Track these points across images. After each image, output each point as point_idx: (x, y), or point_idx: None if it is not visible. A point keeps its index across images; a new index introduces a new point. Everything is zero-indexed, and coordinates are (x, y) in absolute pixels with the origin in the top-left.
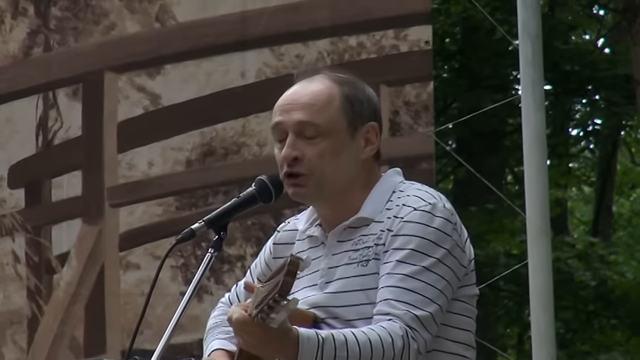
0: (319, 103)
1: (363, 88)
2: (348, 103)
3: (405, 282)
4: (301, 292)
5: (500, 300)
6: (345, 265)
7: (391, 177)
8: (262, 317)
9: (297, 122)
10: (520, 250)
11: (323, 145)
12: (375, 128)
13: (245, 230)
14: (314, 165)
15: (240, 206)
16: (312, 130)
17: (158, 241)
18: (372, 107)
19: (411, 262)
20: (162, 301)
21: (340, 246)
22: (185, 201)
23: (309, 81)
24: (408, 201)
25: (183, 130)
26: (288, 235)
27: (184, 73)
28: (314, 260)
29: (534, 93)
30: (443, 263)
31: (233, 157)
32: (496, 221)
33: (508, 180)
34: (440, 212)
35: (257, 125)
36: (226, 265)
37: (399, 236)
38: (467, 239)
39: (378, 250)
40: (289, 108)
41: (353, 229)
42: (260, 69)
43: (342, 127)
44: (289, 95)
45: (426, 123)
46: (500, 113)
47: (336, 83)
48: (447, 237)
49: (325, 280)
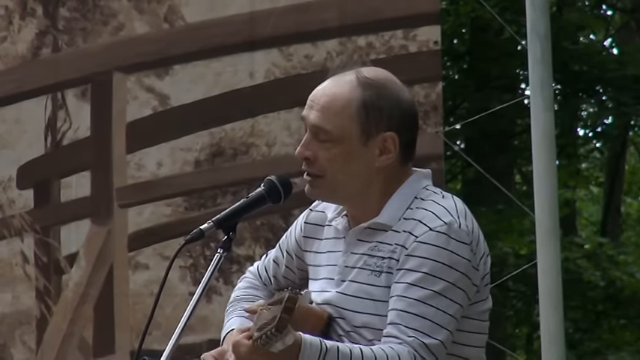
0: (334, 108)
1: (391, 94)
2: (364, 110)
3: (416, 307)
4: (320, 283)
5: (510, 300)
6: (360, 270)
7: (415, 182)
8: (262, 343)
9: (312, 125)
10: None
11: (334, 151)
12: (393, 138)
13: (254, 231)
14: (325, 169)
15: (249, 207)
16: (324, 134)
17: (167, 242)
18: (395, 114)
19: (423, 285)
20: (171, 302)
21: (359, 246)
22: (194, 201)
23: (338, 77)
24: (424, 217)
25: (191, 130)
26: (319, 216)
27: (193, 73)
28: (333, 253)
29: (543, 93)
30: (456, 286)
31: (242, 158)
32: (505, 221)
33: (517, 180)
34: (455, 234)
35: (266, 126)
36: (235, 266)
37: (412, 257)
38: (483, 255)
39: (391, 265)
40: (312, 105)
41: (372, 230)
42: (269, 69)
43: (355, 134)
44: (317, 90)
45: (435, 123)
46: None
47: (361, 87)
48: (462, 259)
49: (341, 277)
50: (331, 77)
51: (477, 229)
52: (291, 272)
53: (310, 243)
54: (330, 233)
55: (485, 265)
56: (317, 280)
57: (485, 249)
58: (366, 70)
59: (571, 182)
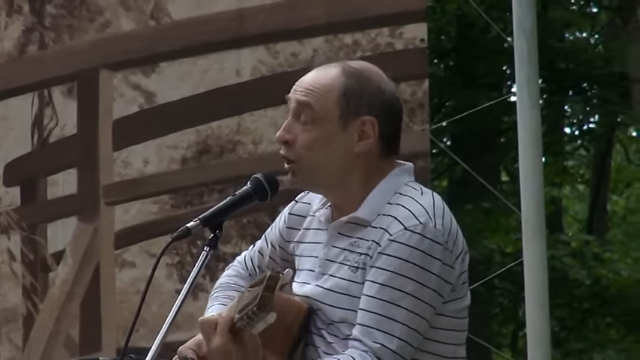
0: (319, 90)
1: (372, 84)
2: (344, 96)
3: (386, 309)
4: (303, 274)
5: (495, 298)
6: (339, 264)
7: (397, 176)
8: (243, 324)
9: (297, 103)
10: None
11: (314, 134)
12: (372, 122)
13: (240, 228)
14: (302, 153)
15: (235, 204)
16: (307, 113)
17: (153, 239)
18: (376, 101)
19: (393, 285)
20: (158, 299)
21: (340, 240)
22: (180, 199)
23: (323, 67)
24: (400, 214)
25: (178, 128)
26: (304, 208)
27: (179, 70)
28: (316, 245)
29: (529, 91)
30: (427, 287)
31: (228, 155)
32: (491, 219)
33: (503, 178)
34: (430, 234)
35: (252, 123)
36: (222, 264)
37: (384, 255)
38: (461, 253)
39: (366, 261)
40: (296, 88)
41: (352, 224)
42: (255, 67)
43: (334, 117)
44: (305, 76)
45: (422, 121)
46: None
47: (344, 75)
48: (435, 260)
49: (321, 270)
50: (317, 68)
51: (455, 227)
52: (274, 263)
53: (294, 234)
54: (313, 224)
55: (462, 263)
56: (301, 271)
57: (464, 247)
58: (353, 62)
59: (557, 180)
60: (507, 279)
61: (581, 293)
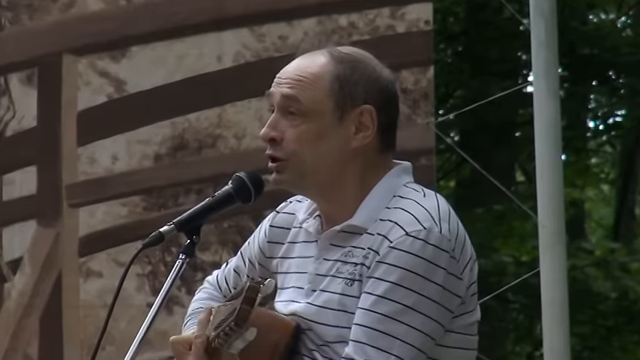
0: (306, 80)
1: (366, 68)
2: (337, 83)
3: (384, 323)
4: (288, 292)
5: (509, 313)
6: (332, 278)
7: (395, 177)
8: (220, 342)
9: (281, 96)
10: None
11: (303, 128)
12: (370, 112)
13: (221, 234)
14: (291, 150)
15: (215, 207)
16: (296, 107)
17: (122, 246)
18: (372, 88)
19: (394, 298)
20: (127, 314)
21: (332, 251)
22: (153, 201)
23: (308, 55)
24: (401, 218)
25: (151, 120)
26: (287, 218)
27: (153, 56)
28: (304, 259)
29: (548, 79)
30: (432, 300)
31: (208, 151)
32: (504, 224)
33: (518, 178)
34: (434, 240)
35: (235, 115)
36: (199, 273)
37: (383, 264)
38: (469, 261)
39: (363, 272)
40: (280, 80)
41: (346, 233)
42: (238, 52)
43: (327, 109)
44: (285, 68)
45: (426, 113)
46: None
47: (334, 60)
48: (439, 269)
49: (311, 287)
50: (301, 56)
51: (463, 233)
52: None
53: (276, 249)
54: (300, 237)
55: (471, 272)
56: (285, 290)
57: (472, 254)
58: (341, 47)
59: (579, 180)
60: (522, 292)
61: (605, 308)
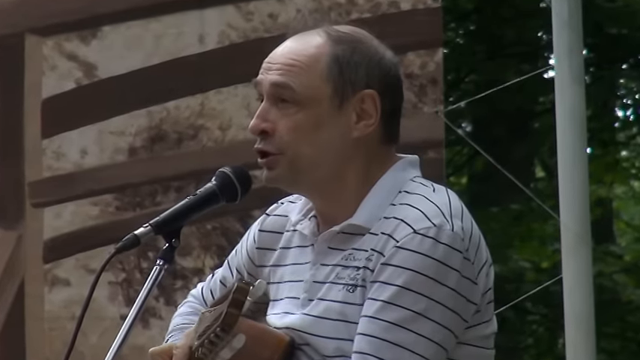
0: (300, 64)
1: (368, 50)
2: (336, 66)
3: (391, 332)
4: (282, 304)
5: (528, 326)
6: (331, 284)
7: (400, 171)
8: (204, 352)
9: (271, 84)
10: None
11: (298, 118)
12: (372, 98)
13: (203, 237)
14: (285, 142)
15: (197, 206)
16: (289, 95)
17: (93, 251)
18: (374, 72)
19: (402, 304)
20: (98, 327)
21: (331, 255)
22: (127, 199)
23: (301, 36)
24: (408, 216)
25: (125, 109)
26: (279, 222)
27: (127, 36)
28: (299, 266)
29: (571, 62)
30: (444, 306)
31: (189, 144)
32: (522, 226)
33: (538, 174)
34: (446, 238)
35: (219, 103)
36: (179, 281)
37: (389, 266)
38: (485, 265)
39: (366, 276)
40: (269, 66)
41: (346, 235)
42: (223, 32)
43: (325, 95)
44: (275, 51)
45: (434, 101)
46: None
47: (331, 41)
48: (452, 271)
49: (308, 296)
50: (292, 37)
51: (477, 232)
52: None
53: (267, 256)
54: (294, 241)
55: (487, 277)
56: (278, 302)
57: (488, 257)
58: (337, 26)
59: (607, 177)
60: (543, 301)
61: (636, 320)
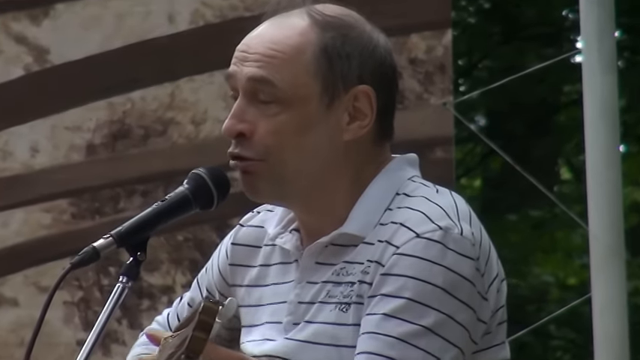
0: (282, 56)
1: (361, 38)
2: (325, 58)
3: (396, 349)
4: (262, 329)
5: (551, 352)
6: (321, 304)
7: (396, 171)
8: None
9: (248, 79)
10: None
11: (281, 119)
12: (367, 95)
13: (174, 249)
14: (266, 148)
15: (166, 214)
16: (268, 91)
17: (45, 265)
18: (368, 64)
19: (406, 318)
20: (52, 353)
21: (319, 272)
22: (85, 205)
23: (281, 18)
24: (408, 218)
25: (82, 100)
26: (254, 234)
27: (84, 16)
28: (281, 286)
29: (601, 46)
30: (454, 320)
31: (156, 141)
32: (545, 236)
33: (563, 176)
34: (454, 243)
35: (192, 94)
36: (146, 301)
37: (390, 276)
38: (496, 279)
39: (362, 291)
40: (244, 56)
41: (336, 247)
42: (196, 10)
43: (313, 93)
44: (249, 37)
45: (442, 91)
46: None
47: (318, 27)
48: (463, 281)
49: (293, 319)
50: (270, 20)
51: (487, 241)
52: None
53: (242, 274)
54: (274, 257)
55: (498, 293)
56: (256, 327)
57: (499, 270)
58: (322, 6)
59: None
60: (569, 324)
61: None
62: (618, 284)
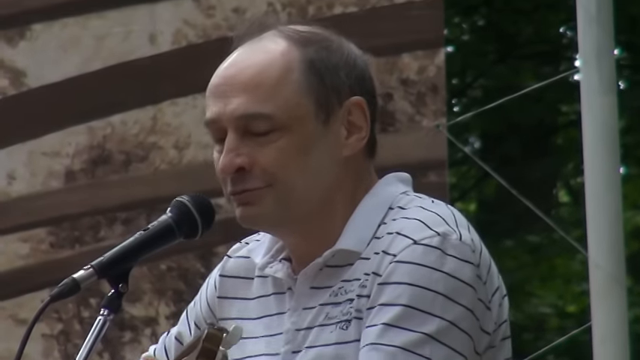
0: (269, 81)
1: (340, 47)
2: (313, 73)
3: (399, 359)
4: None
5: None
6: (321, 328)
7: (388, 185)
8: None
9: (238, 117)
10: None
11: (281, 144)
12: (361, 106)
13: (157, 279)
14: (273, 174)
15: (149, 243)
16: (262, 124)
17: (22, 297)
18: (354, 74)
19: (408, 326)
20: None
21: (315, 296)
22: (64, 234)
23: (254, 43)
24: (405, 227)
25: (60, 124)
26: (242, 265)
27: (62, 37)
28: (274, 317)
29: (600, 65)
30: (457, 327)
31: (138, 167)
32: (543, 262)
33: (561, 199)
34: (453, 248)
35: (174, 117)
36: (128, 333)
37: (388, 285)
38: (497, 291)
39: (360, 305)
40: (224, 91)
41: (332, 268)
42: (179, 30)
43: (308, 111)
44: (225, 70)
45: (435, 112)
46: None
47: (296, 44)
48: (465, 286)
49: (291, 347)
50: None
51: (487, 253)
52: None
53: (232, 307)
54: (264, 288)
55: (501, 307)
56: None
57: (500, 284)
58: (286, 28)
59: None
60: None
61: None
62: (619, 312)
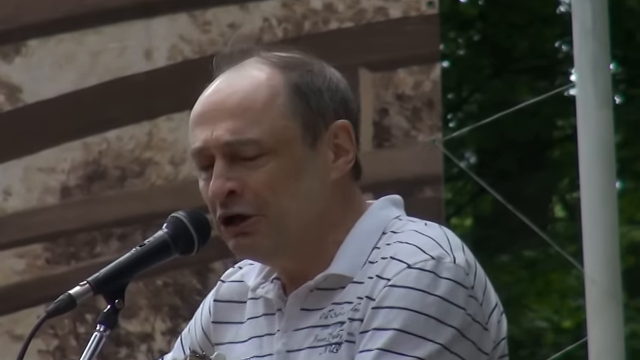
0: (255, 106)
1: (322, 71)
2: (299, 96)
3: None
4: None
5: None
6: (310, 350)
7: (381, 210)
8: None
9: (226, 143)
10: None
11: (271, 167)
12: (347, 129)
13: (153, 295)
14: (263, 199)
15: (145, 259)
16: (250, 149)
17: (19, 313)
18: (337, 97)
19: (401, 350)
20: None
21: (305, 318)
22: (60, 250)
23: (236, 70)
24: (399, 251)
25: (56, 140)
26: (236, 289)
27: (57, 53)
28: (265, 338)
29: (596, 79)
30: (450, 351)
31: (134, 182)
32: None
33: (557, 214)
34: (448, 271)
35: (170, 133)
36: (124, 349)
37: (382, 309)
38: (495, 310)
39: (352, 329)
40: (211, 117)
41: (322, 291)
42: (175, 46)
43: (295, 134)
44: (209, 97)
45: (430, 127)
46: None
47: (280, 69)
48: (458, 310)
49: None
50: (223, 72)
51: (482, 272)
52: None
53: (226, 331)
54: (255, 309)
55: (499, 325)
56: None
57: (497, 302)
58: (267, 53)
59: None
60: None
61: None
62: (615, 328)
